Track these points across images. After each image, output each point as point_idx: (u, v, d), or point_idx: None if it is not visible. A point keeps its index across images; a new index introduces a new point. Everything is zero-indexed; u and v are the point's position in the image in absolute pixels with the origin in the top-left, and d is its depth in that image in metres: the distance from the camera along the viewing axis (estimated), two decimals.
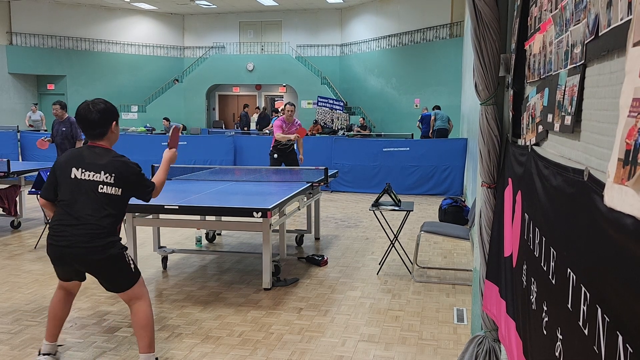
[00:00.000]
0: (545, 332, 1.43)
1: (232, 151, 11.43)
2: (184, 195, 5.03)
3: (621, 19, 0.97)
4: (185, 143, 11.54)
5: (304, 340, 3.77)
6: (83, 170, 3.10)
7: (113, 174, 3.10)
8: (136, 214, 4.91)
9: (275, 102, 25.41)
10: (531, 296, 1.65)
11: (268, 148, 8.20)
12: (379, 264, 5.58)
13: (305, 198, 6.08)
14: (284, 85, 24.32)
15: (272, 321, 4.10)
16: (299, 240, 6.46)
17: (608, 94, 1.10)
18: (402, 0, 20.54)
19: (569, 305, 1.18)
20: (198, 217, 5.63)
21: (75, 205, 3.06)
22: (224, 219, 5.70)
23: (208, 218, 5.96)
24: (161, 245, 5.58)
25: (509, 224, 2.22)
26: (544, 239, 1.51)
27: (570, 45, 1.40)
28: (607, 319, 0.91)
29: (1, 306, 4.41)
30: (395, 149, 10.49)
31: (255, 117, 20.78)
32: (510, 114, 2.44)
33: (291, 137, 7.89)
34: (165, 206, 4.50)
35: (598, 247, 1.00)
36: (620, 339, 0.83)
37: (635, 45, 0.86)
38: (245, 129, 20.19)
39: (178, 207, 4.49)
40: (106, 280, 3.17)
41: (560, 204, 1.36)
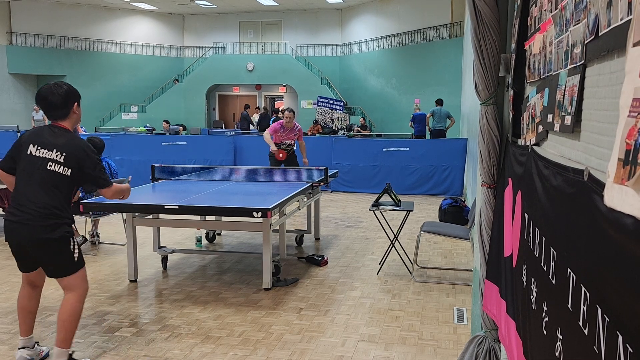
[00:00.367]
0: (545, 332, 1.43)
1: (232, 151, 11.43)
2: (184, 195, 5.03)
3: (621, 19, 0.97)
4: (185, 143, 11.56)
5: (304, 340, 3.77)
6: (38, 147, 3.15)
7: (64, 154, 3.13)
8: (136, 214, 4.91)
9: (275, 102, 25.41)
10: (531, 296, 1.65)
11: (268, 148, 8.19)
12: (379, 264, 5.58)
13: (305, 198, 6.08)
14: (284, 85, 24.32)
15: (272, 321, 4.10)
16: (299, 240, 6.46)
17: (608, 94, 1.10)
18: (402, 0, 20.53)
19: (569, 305, 1.18)
20: (198, 217, 5.64)
21: (29, 182, 3.11)
22: (224, 219, 5.70)
23: (208, 218, 5.97)
24: (161, 245, 5.58)
25: (509, 224, 2.22)
26: (544, 239, 1.51)
27: (570, 45, 1.40)
28: (607, 319, 0.91)
29: (1, 306, 4.42)
30: (395, 149, 10.49)
31: (256, 117, 20.77)
32: (510, 114, 2.44)
33: (273, 150, 7.77)
34: (165, 206, 4.50)
35: (598, 247, 1.00)
36: (620, 339, 0.83)
37: (635, 45, 0.86)
38: (246, 128, 20.17)
39: (178, 207, 4.49)
40: (47, 261, 3.18)
41: (560, 204, 1.36)
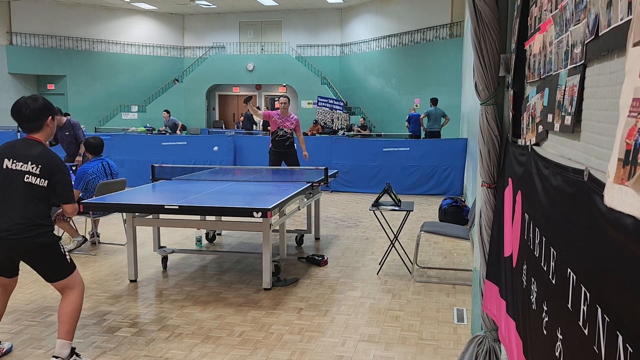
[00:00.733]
0: (545, 332, 1.43)
1: (232, 151, 11.43)
2: (184, 195, 5.03)
3: (621, 19, 0.97)
4: (185, 143, 11.56)
5: (304, 340, 3.77)
6: (14, 160, 3.19)
7: (40, 165, 3.18)
8: (136, 214, 4.91)
9: (276, 102, 25.40)
10: (531, 296, 1.65)
11: (267, 148, 8.19)
12: (379, 264, 5.58)
13: (305, 198, 6.08)
14: (284, 85, 24.31)
15: (272, 321, 4.10)
16: (299, 240, 6.46)
17: (608, 94, 1.10)
18: (402, 0, 20.53)
19: (569, 305, 1.18)
20: (198, 217, 5.64)
21: (8, 196, 3.15)
22: (224, 219, 5.70)
23: (208, 218, 5.97)
24: (161, 245, 5.58)
25: (509, 224, 2.22)
26: (544, 239, 1.51)
27: (570, 45, 1.40)
28: (607, 319, 0.91)
29: None
30: (395, 149, 10.49)
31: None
32: (510, 114, 2.43)
33: (255, 112, 7.97)
34: (165, 206, 4.50)
35: (598, 247, 1.00)
36: (620, 339, 0.83)
37: (635, 45, 0.86)
38: (249, 129, 20.12)
39: (178, 207, 4.49)
40: (41, 268, 3.25)
41: (560, 204, 1.36)
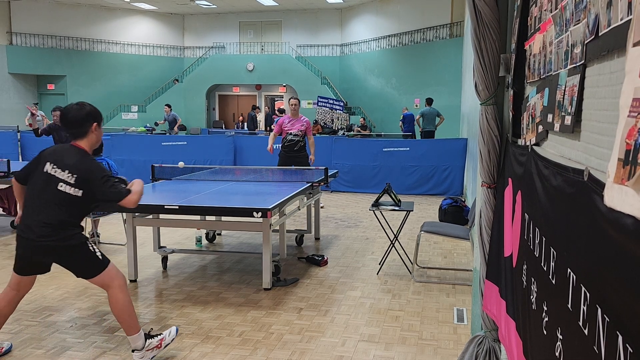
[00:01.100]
0: (545, 332, 1.43)
1: (232, 151, 11.43)
2: (184, 195, 5.03)
3: (621, 19, 0.97)
4: (186, 143, 11.56)
5: (304, 340, 3.77)
6: (54, 165, 3.18)
7: (75, 175, 3.16)
8: (136, 214, 4.91)
9: (276, 102, 25.40)
10: (531, 296, 1.65)
11: (267, 147, 8.22)
12: (379, 264, 5.58)
13: (305, 198, 6.08)
14: (284, 85, 24.32)
15: (272, 321, 4.10)
16: (299, 240, 6.46)
17: (608, 94, 1.10)
18: (402, 0, 20.54)
19: (569, 305, 1.18)
20: (198, 217, 5.63)
21: (41, 198, 3.15)
22: (224, 219, 5.70)
23: (208, 218, 5.96)
24: (161, 245, 5.58)
25: (509, 224, 2.22)
26: (544, 239, 1.51)
27: (570, 45, 1.40)
28: (607, 319, 0.91)
29: None
30: (395, 149, 10.49)
31: (260, 117, 20.74)
32: (510, 114, 2.43)
33: (269, 144, 7.98)
34: (165, 206, 4.50)
35: (598, 247, 1.00)
36: (620, 339, 0.83)
37: (635, 45, 0.86)
38: (253, 129, 20.11)
39: (178, 207, 4.49)
40: (72, 269, 3.28)
41: (560, 204, 1.36)
